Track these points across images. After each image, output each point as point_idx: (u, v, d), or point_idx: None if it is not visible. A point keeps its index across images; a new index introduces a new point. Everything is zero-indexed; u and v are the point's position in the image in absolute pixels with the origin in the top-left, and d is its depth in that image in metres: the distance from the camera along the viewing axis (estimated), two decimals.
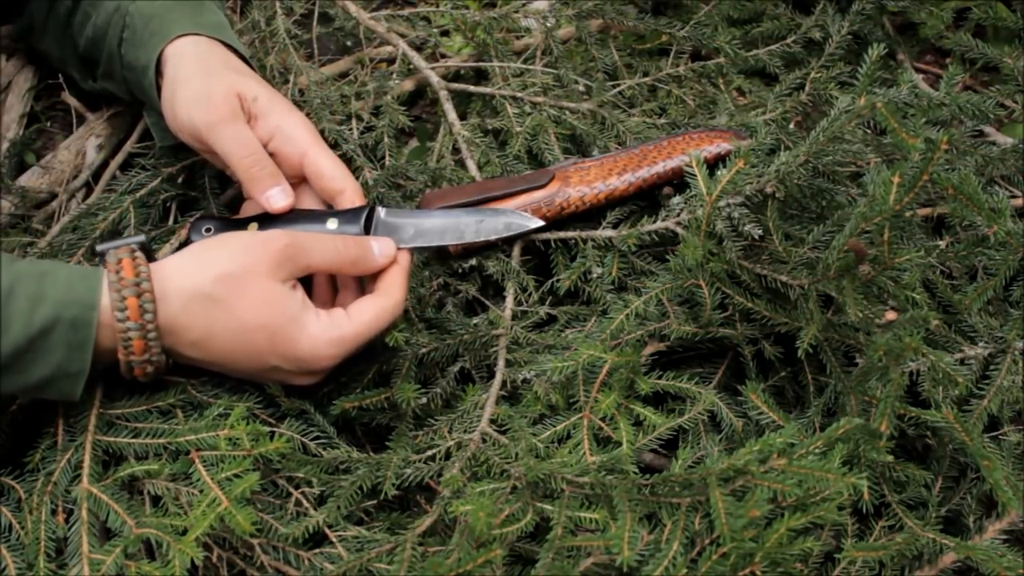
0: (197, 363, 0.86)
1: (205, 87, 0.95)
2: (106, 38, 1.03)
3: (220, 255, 0.84)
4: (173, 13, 1.00)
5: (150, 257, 0.84)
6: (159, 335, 0.81)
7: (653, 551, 0.79)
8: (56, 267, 0.80)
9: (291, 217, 0.95)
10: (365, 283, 0.95)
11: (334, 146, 1.06)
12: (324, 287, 0.96)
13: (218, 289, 0.81)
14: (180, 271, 0.82)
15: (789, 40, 1.29)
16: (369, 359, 0.95)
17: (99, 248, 0.83)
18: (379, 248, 0.91)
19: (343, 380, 0.94)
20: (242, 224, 0.96)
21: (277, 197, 0.94)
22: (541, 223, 1.00)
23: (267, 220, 0.95)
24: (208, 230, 0.96)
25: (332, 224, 0.94)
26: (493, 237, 1.00)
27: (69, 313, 0.78)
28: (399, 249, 0.93)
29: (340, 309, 0.87)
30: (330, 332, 0.85)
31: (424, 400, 0.95)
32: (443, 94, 1.23)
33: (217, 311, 0.81)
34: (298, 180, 0.98)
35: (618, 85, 1.26)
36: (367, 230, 0.94)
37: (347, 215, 0.95)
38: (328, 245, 0.88)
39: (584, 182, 1.05)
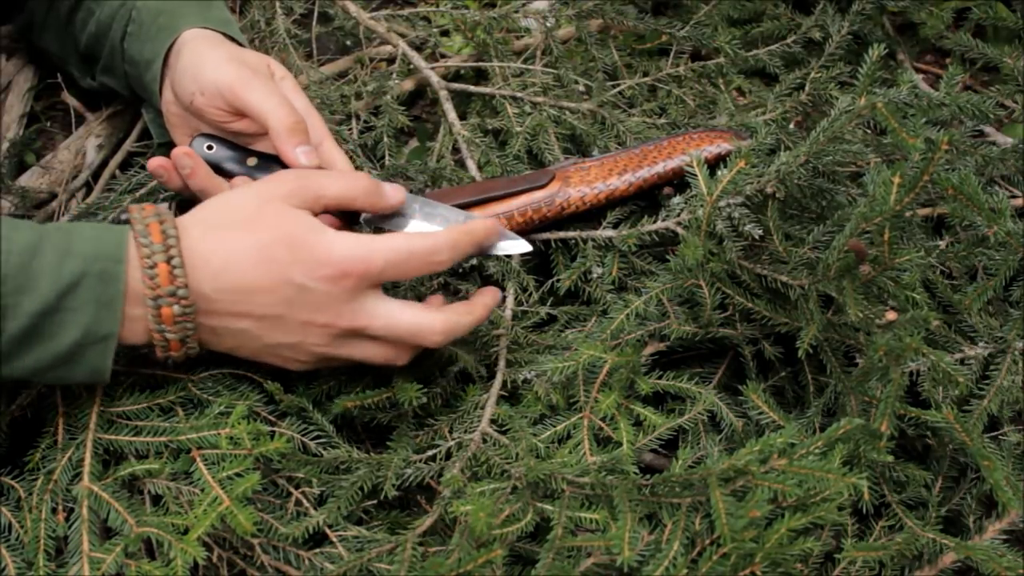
0: (224, 307, 0.81)
1: (237, 52, 0.97)
2: (109, 33, 1.04)
3: (233, 194, 0.84)
4: (181, 8, 1.01)
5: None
6: (183, 267, 0.78)
7: (653, 551, 0.79)
8: (81, 224, 0.79)
9: (287, 167, 0.95)
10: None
11: None
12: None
13: (233, 217, 0.81)
14: (197, 213, 0.83)
15: (789, 40, 1.29)
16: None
17: (126, 210, 0.83)
18: (390, 187, 0.90)
19: (343, 378, 0.94)
20: (242, 151, 0.97)
21: (309, 154, 0.94)
22: (529, 248, 0.97)
23: (266, 159, 0.96)
24: (210, 148, 0.97)
25: None
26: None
27: (97, 267, 0.76)
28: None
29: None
30: (353, 238, 0.82)
31: (424, 399, 0.95)
32: (443, 94, 1.23)
33: (233, 235, 0.80)
34: None
35: (618, 85, 1.26)
36: None
37: None
38: (340, 175, 0.89)
39: (584, 182, 1.05)
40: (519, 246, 0.94)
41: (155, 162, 0.95)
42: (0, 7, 1.17)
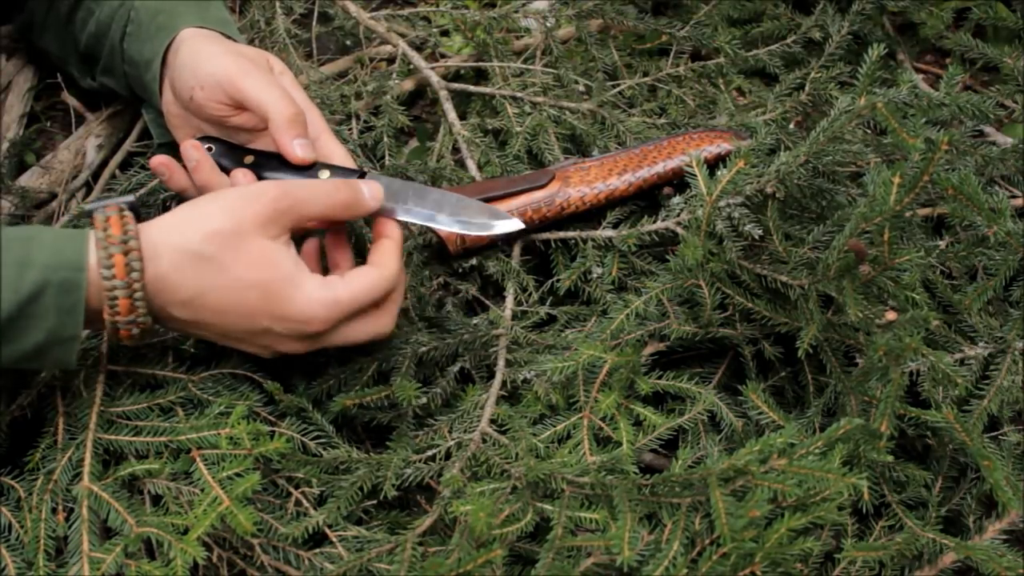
0: (186, 326, 0.84)
1: (235, 48, 0.97)
2: (108, 33, 1.04)
3: (211, 210, 0.82)
4: (180, 8, 1.01)
5: (139, 219, 0.82)
6: (146, 295, 0.79)
7: (653, 551, 0.79)
8: (42, 231, 0.79)
9: (285, 161, 0.94)
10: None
11: None
12: (313, 261, 0.94)
13: (209, 247, 0.80)
14: (170, 228, 0.80)
15: (789, 40, 1.29)
16: (365, 355, 0.95)
17: (87, 207, 0.81)
18: (369, 191, 0.89)
19: (343, 377, 0.94)
20: (240, 150, 0.97)
21: (305, 147, 0.93)
22: (521, 226, 0.97)
23: (263, 157, 0.96)
24: (209, 149, 0.96)
25: (325, 174, 0.94)
26: (471, 231, 0.96)
27: (57, 276, 0.76)
28: (389, 218, 0.91)
29: (334, 274, 0.87)
30: (324, 292, 0.82)
31: (424, 399, 0.95)
32: (443, 94, 1.23)
33: (208, 269, 0.80)
34: None
35: (618, 85, 1.26)
36: None
37: (339, 170, 0.95)
38: (318, 190, 0.86)
39: (584, 182, 1.05)
40: (511, 224, 0.95)
41: (157, 160, 0.95)
42: (0, 7, 1.17)
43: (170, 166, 0.95)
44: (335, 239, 0.92)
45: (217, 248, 0.80)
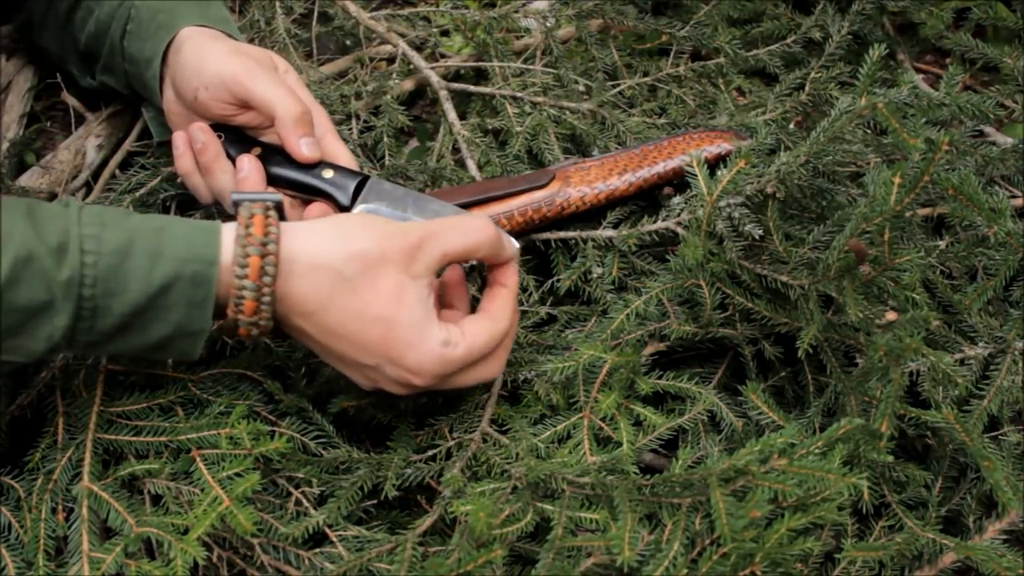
0: (300, 335, 0.82)
1: (239, 47, 0.97)
2: (108, 32, 1.04)
3: (358, 231, 0.79)
4: (180, 7, 1.01)
5: (282, 218, 0.80)
6: (273, 300, 0.77)
7: (653, 551, 0.79)
8: (174, 222, 0.78)
9: (291, 157, 0.95)
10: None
11: None
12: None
13: (350, 267, 0.77)
14: (313, 238, 0.79)
15: (789, 40, 1.29)
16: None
17: (234, 197, 0.80)
18: (507, 240, 0.85)
19: (343, 377, 0.94)
20: (249, 141, 0.97)
21: (312, 146, 0.94)
22: (518, 246, 0.98)
23: (270, 150, 0.96)
24: (220, 135, 0.97)
25: (328, 173, 0.94)
26: None
27: (189, 269, 0.75)
28: (507, 266, 0.86)
29: (454, 325, 0.82)
30: (444, 349, 0.79)
31: (425, 400, 0.95)
32: (443, 94, 1.23)
33: (342, 288, 0.78)
34: None
35: (618, 85, 1.26)
36: (357, 192, 0.94)
37: (343, 170, 0.95)
38: (462, 234, 0.82)
39: (584, 182, 1.05)
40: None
41: (179, 135, 0.97)
42: (0, 7, 1.16)
43: (186, 144, 0.96)
44: (454, 277, 0.89)
45: (357, 270, 0.78)
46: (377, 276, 0.78)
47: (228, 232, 0.77)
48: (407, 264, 0.79)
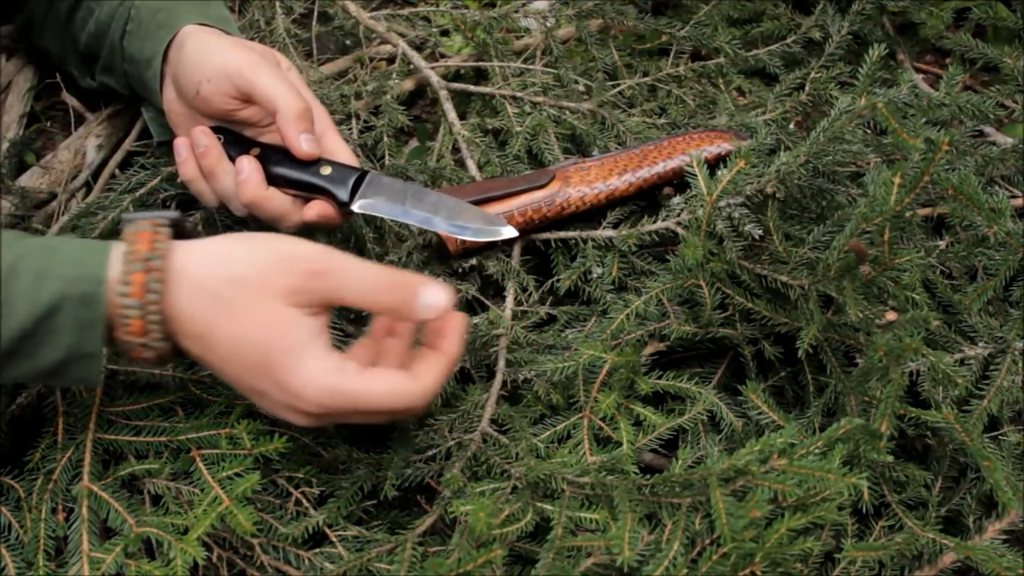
0: (200, 361, 0.79)
1: (242, 42, 0.97)
2: (108, 32, 1.04)
3: (243, 257, 0.76)
4: (180, 6, 1.01)
5: (184, 236, 0.78)
6: (163, 320, 0.75)
7: (653, 551, 0.79)
8: (67, 243, 0.76)
9: (289, 156, 0.95)
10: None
11: None
12: (380, 330, 0.82)
13: (228, 291, 0.75)
14: (199, 259, 0.76)
15: (789, 40, 1.29)
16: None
17: (124, 216, 0.77)
18: (426, 297, 0.75)
19: None
20: (248, 142, 0.97)
21: (311, 142, 0.93)
22: (515, 233, 0.98)
23: (269, 150, 0.96)
24: (220, 137, 0.97)
25: (326, 170, 0.94)
26: (466, 236, 0.96)
27: (76, 289, 0.73)
28: (454, 332, 0.79)
29: (354, 362, 0.76)
30: (329, 377, 0.74)
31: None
32: (443, 94, 1.23)
33: (222, 312, 0.75)
34: None
35: (618, 85, 1.26)
36: (355, 187, 0.94)
37: (341, 166, 0.95)
38: (365, 282, 0.75)
39: (584, 182, 1.05)
40: (506, 231, 0.96)
41: (181, 141, 0.97)
42: (0, 7, 1.16)
43: (189, 150, 0.96)
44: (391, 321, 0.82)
45: (236, 294, 0.75)
46: (255, 302, 0.74)
47: (118, 249, 0.75)
48: (288, 295, 0.74)
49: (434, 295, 0.75)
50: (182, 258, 0.75)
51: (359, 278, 0.75)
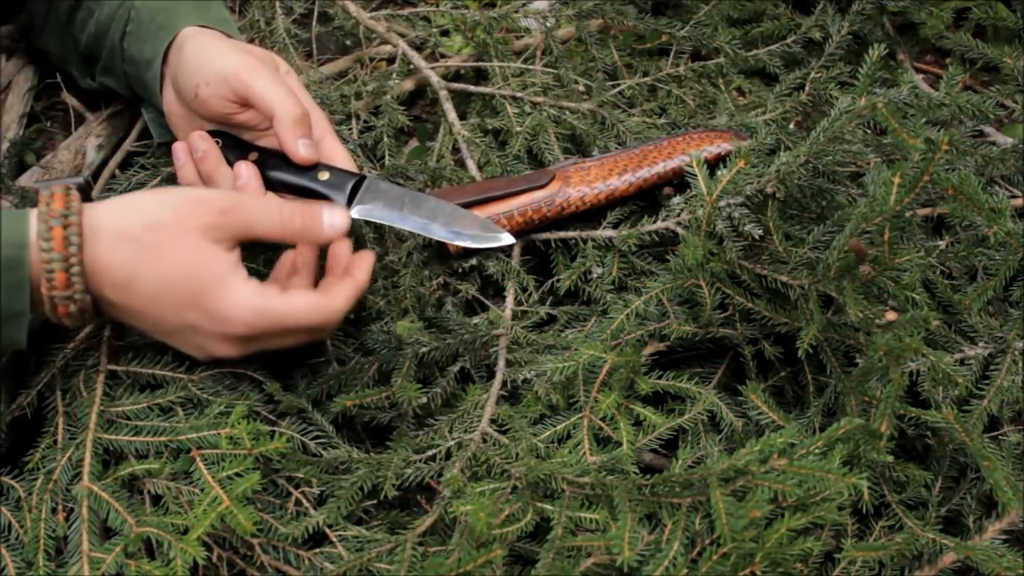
0: (122, 313, 0.84)
1: (242, 46, 0.98)
2: (108, 33, 1.04)
3: (155, 203, 0.82)
4: (180, 7, 1.01)
5: (88, 200, 0.83)
6: (84, 272, 0.79)
7: (653, 551, 0.79)
8: None
9: (287, 160, 0.95)
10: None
11: None
12: (285, 271, 0.93)
13: (147, 235, 0.80)
14: (112, 211, 0.81)
15: (789, 40, 1.29)
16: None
17: (38, 184, 0.83)
18: (329, 219, 0.87)
19: (343, 377, 0.94)
20: (245, 146, 0.98)
21: (309, 147, 0.94)
22: (512, 241, 1.00)
23: (267, 154, 0.96)
24: (218, 141, 0.97)
25: (324, 175, 0.95)
26: (464, 243, 0.98)
27: (1, 255, 0.77)
28: (366, 257, 0.90)
29: (276, 285, 0.86)
30: (255, 299, 0.82)
31: (424, 399, 0.95)
32: (443, 94, 1.23)
33: (143, 256, 0.80)
34: None
35: (618, 85, 1.26)
36: (353, 192, 0.95)
37: (339, 172, 0.96)
38: (273, 213, 0.85)
39: (584, 182, 1.05)
40: (503, 238, 0.98)
41: (179, 145, 0.97)
42: (0, 7, 1.17)
43: (187, 154, 0.96)
44: (305, 249, 0.92)
45: (155, 238, 0.80)
46: (176, 241, 0.80)
47: (35, 213, 0.79)
48: (206, 230, 0.81)
49: (338, 216, 0.88)
50: (97, 213, 0.80)
51: (268, 210, 0.85)
